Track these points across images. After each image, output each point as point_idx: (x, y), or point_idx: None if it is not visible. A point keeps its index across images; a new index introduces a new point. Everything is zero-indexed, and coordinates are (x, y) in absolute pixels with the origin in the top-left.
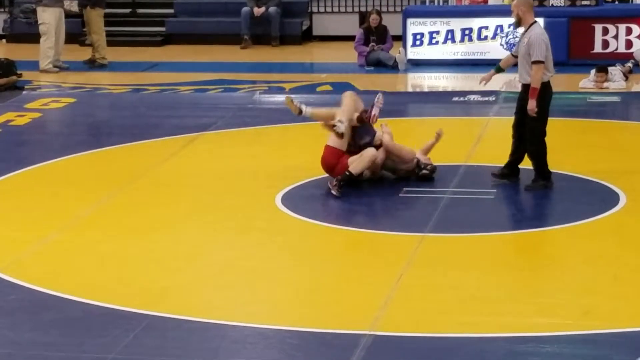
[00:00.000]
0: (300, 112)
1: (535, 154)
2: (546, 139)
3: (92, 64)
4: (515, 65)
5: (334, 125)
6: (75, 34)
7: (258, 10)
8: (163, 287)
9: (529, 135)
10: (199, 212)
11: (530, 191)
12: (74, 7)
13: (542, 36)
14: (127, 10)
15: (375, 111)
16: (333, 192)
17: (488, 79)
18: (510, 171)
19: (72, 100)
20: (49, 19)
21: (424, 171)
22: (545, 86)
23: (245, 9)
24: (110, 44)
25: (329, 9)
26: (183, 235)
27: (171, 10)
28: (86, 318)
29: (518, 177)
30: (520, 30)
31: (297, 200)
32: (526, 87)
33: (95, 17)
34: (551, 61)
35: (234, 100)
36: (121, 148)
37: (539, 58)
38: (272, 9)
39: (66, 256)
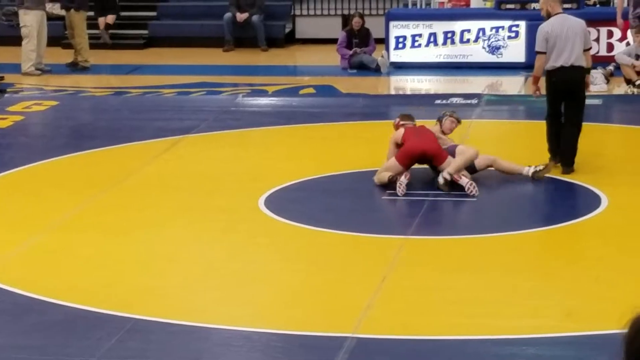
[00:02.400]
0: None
1: (548, 136)
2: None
3: (75, 67)
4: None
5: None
6: (58, 36)
7: (241, 16)
8: (146, 289)
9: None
10: (182, 214)
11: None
12: (56, 10)
13: (542, 28)
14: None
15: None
16: (399, 191)
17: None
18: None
19: (54, 103)
20: (31, 21)
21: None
22: (552, 74)
23: (227, 15)
24: (92, 46)
25: (311, 12)
26: (166, 238)
27: (154, 13)
28: (69, 321)
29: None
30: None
31: (280, 202)
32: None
33: (78, 20)
34: (559, 49)
35: (217, 103)
36: (104, 151)
37: (536, 49)
38: (255, 17)
39: (49, 259)
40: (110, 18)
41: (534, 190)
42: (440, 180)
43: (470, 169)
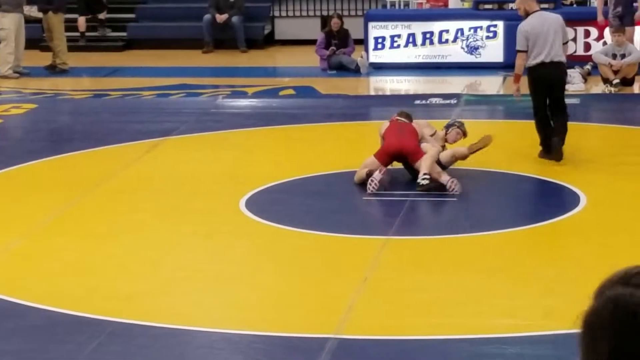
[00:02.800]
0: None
1: (538, 127)
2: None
3: (53, 70)
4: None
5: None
6: (36, 39)
7: (221, 17)
8: (128, 293)
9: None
10: (163, 217)
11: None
12: (34, 13)
13: (522, 27)
14: (89, 16)
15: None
16: (370, 187)
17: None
18: (545, 147)
19: (33, 106)
20: (8, 24)
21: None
22: (534, 70)
23: (206, 17)
24: (71, 49)
25: (290, 14)
26: (147, 241)
27: (132, 15)
28: (50, 325)
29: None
30: None
31: (261, 204)
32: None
33: (56, 23)
34: (539, 47)
35: (197, 105)
36: (83, 154)
37: (517, 47)
38: (234, 19)
39: (29, 263)
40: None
41: (513, 189)
42: (422, 182)
43: (440, 166)
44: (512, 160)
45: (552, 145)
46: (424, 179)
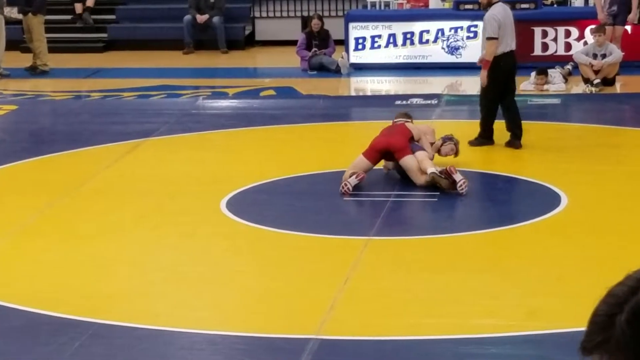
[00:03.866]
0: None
1: (483, 114)
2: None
3: (34, 71)
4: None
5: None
6: (16, 40)
7: (201, 18)
8: (109, 294)
9: (480, 99)
10: (144, 218)
11: (473, 145)
12: (14, 14)
13: (495, 15)
14: (69, 17)
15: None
16: (345, 189)
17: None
18: (485, 134)
19: (13, 107)
20: None
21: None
22: (501, 58)
23: (187, 17)
24: (51, 50)
25: (271, 14)
26: (128, 242)
27: (113, 17)
28: (31, 327)
29: (492, 140)
30: None
31: (242, 205)
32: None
33: (37, 24)
34: (509, 36)
35: (178, 105)
36: (64, 155)
37: (491, 35)
38: (215, 19)
39: (10, 264)
40: (90, 1)
41: (494, 189)
42: (433, 172)
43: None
44: (493, 160)
45: (517, 135)
46: (434, 173)
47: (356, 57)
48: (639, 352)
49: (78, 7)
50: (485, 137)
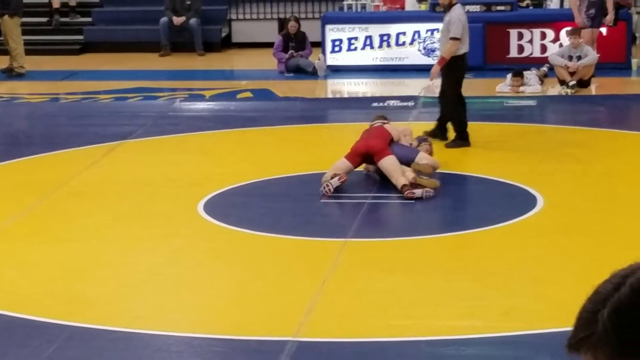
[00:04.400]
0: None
1: (455, 116)
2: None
3: (10, 73)
4: None
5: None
6: None
7: (178, 20)
8: (86, 297)
9: (448, 101)
10: (121, 220)
11: (450, 147)
12: None
13: (460, 16)
14: (45, 19)
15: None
16: (326, 190)
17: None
18: (439, 131)
19: None
20: None
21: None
22: (461, 59)
23: (163, 19)
24: (28, 52)
25: (247, 16)
26: (105, 244)
27: (89, 19)
28: (6, 329)
29: (446, 137)
30: None
31: (220, 207)
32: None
33: (13, 26)
34: (466, 37)
35: (154, 108)
36: (41, 158)
37: (456, 35)
38: (192, 21)
39: None
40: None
41: (470, 191)
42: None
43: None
44: (469, 162)
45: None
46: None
47: (333, 59)
48: (621, 347)
49: (55, 2)
50: (462, 139)
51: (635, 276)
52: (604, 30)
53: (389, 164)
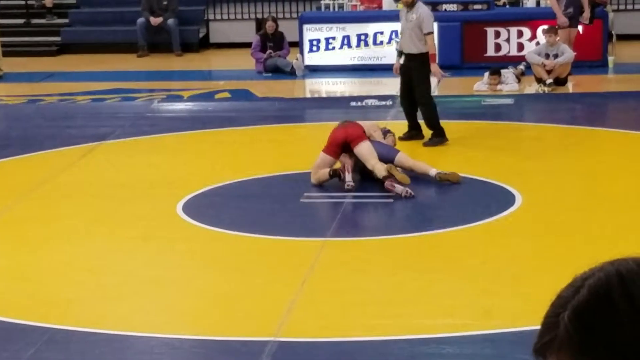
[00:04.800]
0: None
1: (428, 114)
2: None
3: None
4: None
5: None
6: None
7: (155, 20)
8: (65, 299)
9: (420, 97)
10: (100, 222)
11: (428, 146)
12: None
13: (430, 12)
14: (22, 21)
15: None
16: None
17: (398, 67)
18: (415, 132)
19: None
20: None
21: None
22: (426, 56)
23: (140, 20)
24: (4, 54)
25: (225, 17)
26: (84, 246)
27: (66, 20)
28: None
29: (422, 135)
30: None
31: (199, 208)
32: (409, 56)
33: None
34: None
35: (132, 109)
36: (18, 159)
37: (430, 29)
38: (170, 21)
39: None
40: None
41: (449, 189)
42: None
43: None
44: (447, 161)
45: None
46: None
47: (311, 59)
48: (581, 348)
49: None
50: (439, 135)
51: (593, 278)
52: (580, 28)
53: (365, 148)
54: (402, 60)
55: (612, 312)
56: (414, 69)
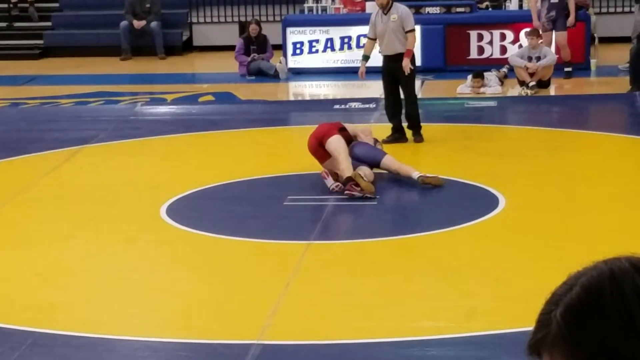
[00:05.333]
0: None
1: (415, 112)
2: (426, 143)
3: None
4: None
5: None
6: None
7: (138, 24)
8: (49, 303)
9: (408, 95)
10: (83, 226)
11: (421, 142)
12: None
13: (408, 9)
14: (4, 24)
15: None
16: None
17: (364, 71)
18: (399, 135)
19: None
20: None
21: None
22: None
23: (123, 23)
24: None
25: (208, 20)
26: (67, 250)
27: (49, 23)
28: None
29: (406, 138)
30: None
31: (182, 211)
32: (397, 57)
33: None
34: None
35: (116, 112)
36: (1, 163)
37: (412, 27)
38: (153, 24)
39: None
40: None
41: (432, 192)
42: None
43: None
44: (430, 163)
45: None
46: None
47: (294, 62)
48: (573, 344)
49: None
50: (420, 132)
51: (586, 276)
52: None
53: (332, 142)
54: (365, 65)
55: (604, 309)
56: (400, 68)
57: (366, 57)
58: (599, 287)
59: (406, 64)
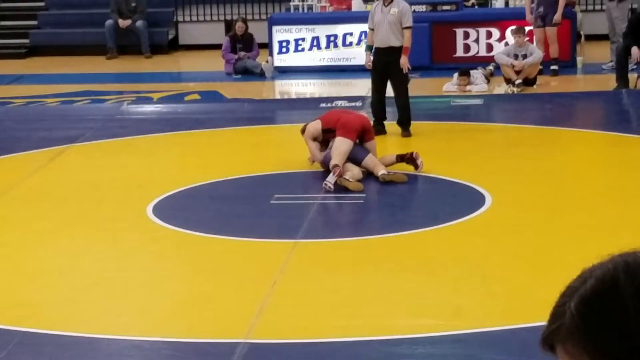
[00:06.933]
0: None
1: (407, 104)
2: (413, 141)
3: None
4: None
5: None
6: None
7: (124, 23)
8: (35, 302)
9: (401, 89)
10: (69, 224)
11: (409, 136)
12: None
13: (409, 6)
14: None
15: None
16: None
17: (370, 60)
18: (381, 127)
19: None
20: None
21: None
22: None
23: (109, 22)
24: None
25: (194, 18)
26: (54, 249)
27: (35, 22)
28: None
29: (385, 130)
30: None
31: (169, 210)
32: (390, 50)
33: None
34: None
35: (102, 111)
36: None
37: (410, 24)
38: (139, 23)
39: None
40: None
41: (419, 190)
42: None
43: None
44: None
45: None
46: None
47: (280, 60)
48: (587, 335)
49: None
50: (408, 130)
51: (601, 269)
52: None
53: (343, 143)
54: (372, 55)
55: (618, 301)
56: (395, 61)
57: (370, 47)
58: (613, 279)
59: (404, 61)
